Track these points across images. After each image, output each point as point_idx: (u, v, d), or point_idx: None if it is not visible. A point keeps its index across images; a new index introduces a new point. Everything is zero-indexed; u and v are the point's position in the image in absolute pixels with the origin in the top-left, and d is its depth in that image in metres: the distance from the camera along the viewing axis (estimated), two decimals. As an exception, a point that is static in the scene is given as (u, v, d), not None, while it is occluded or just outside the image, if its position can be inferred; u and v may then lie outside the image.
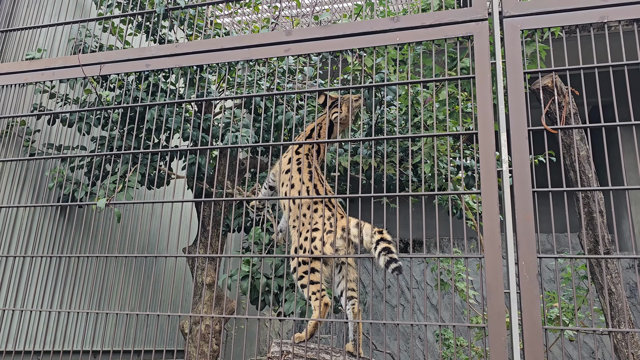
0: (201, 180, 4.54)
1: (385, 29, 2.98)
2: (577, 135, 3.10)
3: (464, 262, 5.27)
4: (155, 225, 5.65)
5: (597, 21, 2.64)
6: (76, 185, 4.08)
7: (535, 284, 2.31)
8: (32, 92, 4.27)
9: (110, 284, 4.91)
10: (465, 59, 3.23)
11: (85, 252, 4.78)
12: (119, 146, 4.16)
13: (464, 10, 2.85)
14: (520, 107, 2.56)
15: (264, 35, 3.26)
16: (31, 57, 3.80)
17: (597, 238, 3.05)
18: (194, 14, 4.33)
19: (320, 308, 3.04)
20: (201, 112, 4.34)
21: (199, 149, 2.94)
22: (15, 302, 3.51)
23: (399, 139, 2.92)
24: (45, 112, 3.68)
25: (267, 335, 8.00)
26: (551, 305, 4.36)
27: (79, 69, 3.56)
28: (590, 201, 3.04)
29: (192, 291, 3.94)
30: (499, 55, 2.68)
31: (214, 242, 4.64)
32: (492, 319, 2.32)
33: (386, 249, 2.84)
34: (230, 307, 4.68)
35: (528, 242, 2.37)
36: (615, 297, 3.04)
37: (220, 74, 4.61)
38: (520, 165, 2.48)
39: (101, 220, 4.65)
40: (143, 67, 3.45)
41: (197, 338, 4.42)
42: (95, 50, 4.37)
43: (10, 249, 3.85)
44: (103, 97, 3.65)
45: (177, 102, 3.31)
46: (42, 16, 4.27)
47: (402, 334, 8.73)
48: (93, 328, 3.72)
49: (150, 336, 5.68)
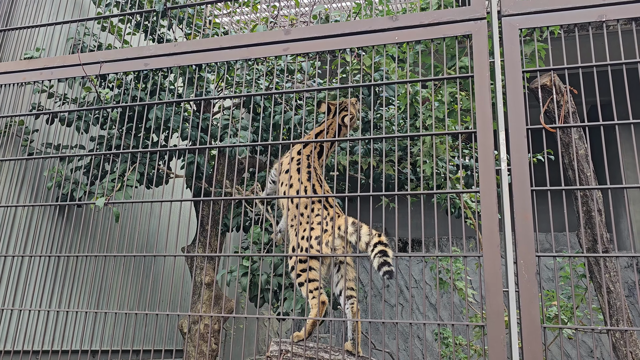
0: (200, 179, 4.54)
1: (384, 28, 2.98)
2: (576, 134, 3.11)
3: (463, 261, 5.27)
4: (154, 224, 5.64)
5: (596, 20, 2.64)
6: (75, 185, 4.08)
7: (534, 283, 2.31)
8: (31, 92, 4.27)
9: (109, 283, 4.91)
10: (464, 58, 3.23)
11: (84, 251, 4.78)
12: (118, 145, 4.16)
13: (463, 9, 2.85)
14: (518, 105, 2.57)
15: (262, 35, 3.26)
16: (29, 56, 3.79)
17: (596, 237, 3.05)
18: (192, 13, 4.33)
19: (318, 306, 3.04)
20: (200, 111, 4.34)
21: (197, 148, 2.94)
22: (14, 302, 3.51)
23: (397, 138, 2.92)
24: (44, 112, 3.68)
25: (266, 335, 8.00)
26: (550, 304, 4.36)
27: (77, 68, 3.56)
28: (589, 200, 3.04)
29: (191, 290, 3.94)
30: (498, 54, 2.69)
31: (213, 242, 4.64)
32: (491, 318, 2.32)
33: (382, 252, 2.85)
34: (229, 307, 4.68)
35: (527, 241, 2.37)
36: (613, 295, 3.05)
37: (219, 73, 4.61)
38: (519, 164, 2.48)
39: (100, 219, 4.65)
40: (142, 67, 3.44)
41: (196, 337, 4.42)
42: (94, 49, 4.37)
43: (9, 249, 3.85)
44: (102, 96, 3.65)
45: (176, 101, 3.31)
46: (40, 15, 4.26)
47: (401, 333, 8.73)
48: (92, 327, 3.72)
49: (149, 335, 5.68)
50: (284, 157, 3.60)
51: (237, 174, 4.26)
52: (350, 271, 3.28)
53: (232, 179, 4.53)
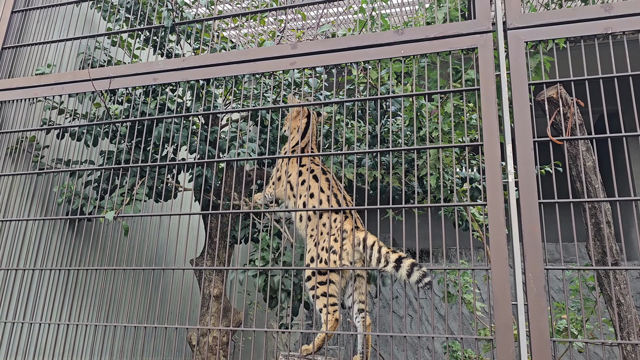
0: (208, 192, 4.57)
1: (390, 42, 3.00)
2: (583, 146, 3.10)
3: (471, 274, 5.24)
4: (163, 237, 5.67)
5: (602, 32, 2.65)
6: (85, 200, 4.11)
7: (543, 296, 2.30)
8: (42, 108, 4.32)
9: (118, 296, 4.93)
10: (469, 71, 3.25)
11: (94, 264, 4.81)
12: (127, 160, 4.19)
13: (469, 22, 2.88)
14: (525, 118, 2.57)
15: (269, 49, 3.30)
16: (41, 72, 3.85)
17: (605, 249, 3.03)
18: (200, 28, 4.38)
19: (331, 323, 3.04)
20: (208, 124, 4.38)
21: (205, 161, 2.97)
22: (24, 315, 3.53)
23: (404, 151, 2.93)
24: (54, 127, 3.72)
25: (274, 347, 7.98)
26: (560, 317, 4.32)
27: (87, 83, 3.61)
28: (597, 212, 3.03)
29: (200, 303, 3.94)
30: (504, 67, 2.70)
31: (221, 254, 4.65)
32: (499, 331, 2.31)
33: (415, 264, 2.87)
34: (237, 319, 4.67)
35: (535, 254, 2.36)
36: (624, 308, 3.02)
37: (227, 87, 4.65)
38: (526, 176, 2.48)
39: (109, 233, 4.68)
40: (151, 81, 3.49)
41: (204, 350, 4.42)
42: (104, 64, 4.43)
43: (20, 262, 3.88)
44: (111, 111, 3.69)
45: (185, 115, 3.35)
46: (51, 31, 4.33)
47: (410, 345, 8.66)
48: (101, 340, 3.74)
49: (158, 348, 5.68)
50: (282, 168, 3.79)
51: (244, 186, 4.28)
52: (363, 284, 3.28)
53: (240, 192, 4.55)
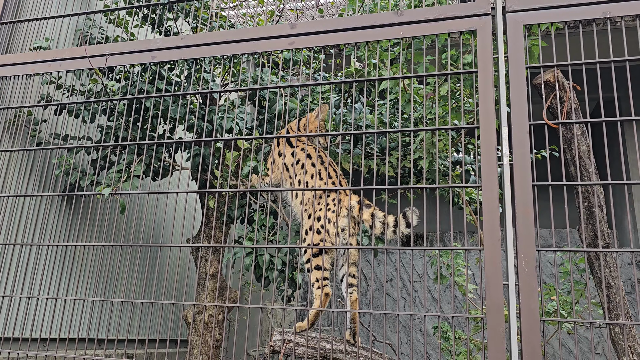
0: (205, 171, 4.58)
1: (389, 23, 3.00)
2: (578, 130, 3.13)
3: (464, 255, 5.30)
4: (160, 215, 5.69)
5: (600, 17, 2.66)
6: (82, 174, 4.13)
7: (534, 277, 2.34)
8: (39, 83, 4.31)
9: (114, 272, 4.97)
10: (467, 55, 3.25)
11: (91, 240, 4.84)
12: (124, 137, 4.20)
13: (468, 4, 2.87)
14: (522, 101, 2.59)
15: (268, 28, 3.29)
16: (38, 45, 3.82)
17: (596, 232, 3.08)
18: (198, 7, 4.35)
19: (322, 297, 3.09)
20: (206, 104, 4.38)
21: (203, 140, 2.98)
22: (21, 290, 3.57)
23: (400, 132, 2.95)
24: (52, 103, 3.72)
25: (269, 327, 8.07)
26: (549, 298, 4.39)
27: (85, 60, 3.59)
28: (590, 195, 3.06)
29: (196, 281, 3.98)
30: (502, 50, 2.70)
31: (218, 233, 4.68)
32: (490, 311, 2.35)
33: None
34: (233, 297, 4.73)
35: (527, 236, 2.40)
36: (613, 290, 3.08)
37: (225, 67, 4.64)
38: (521, 159, 2.50)
39: (106, 210, 4.70)
40: (149, 59, 3.48)
41: (200, 327, 4.48)
42: (101, 41, 4.40)
43: (17, 238, 3.91)
44: (109, 88, 3.69)
45: (182, 94, 3.35)
46: (48, 8, 4.30)
47: (403, 327, 8.77)
48: (98, 316, 3.78)
49: (154, 325, 5.75)
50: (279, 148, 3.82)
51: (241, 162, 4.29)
52: (353, 254, 3.33)
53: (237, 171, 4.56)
